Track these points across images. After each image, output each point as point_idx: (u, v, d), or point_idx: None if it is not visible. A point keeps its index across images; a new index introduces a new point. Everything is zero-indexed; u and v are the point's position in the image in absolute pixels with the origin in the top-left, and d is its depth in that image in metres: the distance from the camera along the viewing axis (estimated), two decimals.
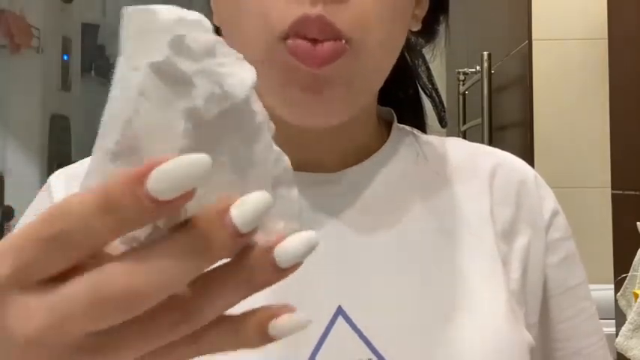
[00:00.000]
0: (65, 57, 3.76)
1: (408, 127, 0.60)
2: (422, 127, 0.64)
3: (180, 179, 0.23)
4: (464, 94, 2.45)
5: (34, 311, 0.25)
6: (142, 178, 0.23)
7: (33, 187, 3.01)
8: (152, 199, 0.23)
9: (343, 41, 0.45)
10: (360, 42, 0.46)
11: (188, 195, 0.24)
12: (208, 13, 0.56)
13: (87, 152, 0.57)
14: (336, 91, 0.46)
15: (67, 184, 0.53)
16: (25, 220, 0.54)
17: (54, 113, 3.66)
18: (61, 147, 3.65)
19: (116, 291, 0.24)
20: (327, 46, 0.44)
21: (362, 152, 0.55)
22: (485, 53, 2.03)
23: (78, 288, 0.25)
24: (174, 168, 0.23)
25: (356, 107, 0.49)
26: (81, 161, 0.55)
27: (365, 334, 0.47)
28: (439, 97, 0.66)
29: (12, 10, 3.39)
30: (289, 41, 0.44)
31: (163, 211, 0.24)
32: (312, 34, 0.44)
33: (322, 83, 0.45)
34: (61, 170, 0.56)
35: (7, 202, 3.32)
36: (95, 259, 0.25)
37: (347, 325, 0.47)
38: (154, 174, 0.23)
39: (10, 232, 0.57)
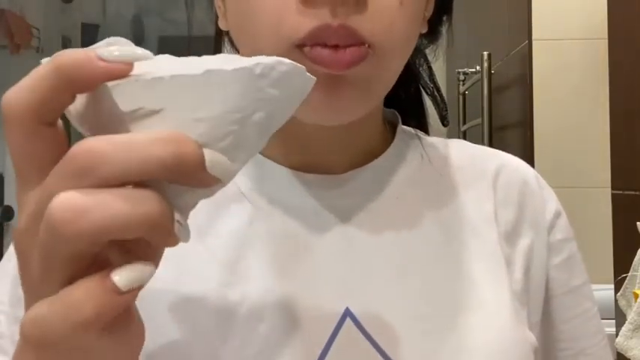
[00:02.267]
0: None
1: (412, 129, 0.60)
2: (424, 126, 0.65)
3: (119, 54, 0.30)
4: (464, 94, 2.45)
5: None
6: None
7: None
8: (98, 56, 0.30)
9: (366, 45, 0.45)
10: (383, 47, 0.45)
11: (128, 66, 0.30)
12: (213, 17, 0.56)
13: None
14: (355, 92, 0.46)
15: None
16: None
17: None
18: None
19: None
20: (349, 52, 0.44)
21: (368, 154, 0.55)
22: (485, 53, 2.03)
23: None
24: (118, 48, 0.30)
25: (369, 108, 0.50)
26: None
27: (372, 335, 0.47)
28: (441, 96, 0.66)
29: (12, 10, 3.39)
30: (307, 49, 0.44)
31: (107, 66, 0.29)
32: (333, 42, 0.44)
33: (343, 84, 0.45)
34: None
35: (7, 202, 3.32)
36: None
37: (354, 327, 0.48)
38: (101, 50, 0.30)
39: (10, 233, 0.57)
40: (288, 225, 0.51)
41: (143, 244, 0.30)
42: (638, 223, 1.21)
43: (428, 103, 0.66)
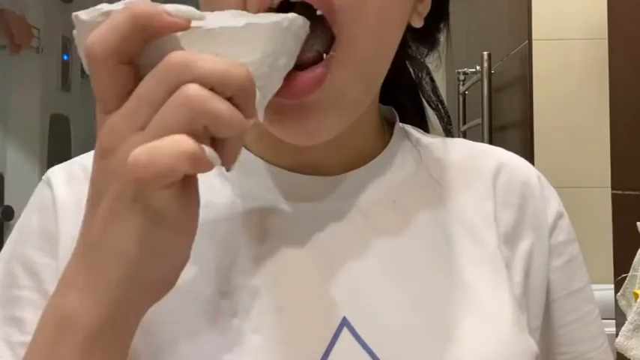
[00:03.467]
0: (65, 57, 3.75)
1: (410, 127, 0.59)
2: (424, 128, 0.64)
3: (181, 11, 0.36)
4: (464, 94, 2.45)
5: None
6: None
7: (33, 188, 2.99)
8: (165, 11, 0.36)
9: (324, 61, 0.45)
10: (352, 24, 0.45)
11: (188, 21, 0.36)
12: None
13: (87, 152, 0.56)
14: (323, 112, 0.46)
15: (68, 179, 0.52)
16: (26, 218, 0.54)
17: (54, 113, 3.65)
18: (60, 147, 3.64)
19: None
20: (304, 78, 0.44)
21: (364, 155, 0.54)
22: (485, 53, 2.03)
23: None
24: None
25: (348, 121, 0.49)
26: (80, 156, 0.55)
27: (369, 345, 0.46)
28: (445, 109, 0.65)
29: (12, 10, 3.38)
30: None
31: (173, 20, 0.36)
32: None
33: (308, 109, 0.45)
34: (57, 166, 0.55)
35: (7, 202, 3.32)
36: None
37: (352, 337, 0.47)
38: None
39: (9, 233, 0.56)
40: (282, 228, 0.50)
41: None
42: (638, 223, 1.21)
43: (430, 111, 0.65)
